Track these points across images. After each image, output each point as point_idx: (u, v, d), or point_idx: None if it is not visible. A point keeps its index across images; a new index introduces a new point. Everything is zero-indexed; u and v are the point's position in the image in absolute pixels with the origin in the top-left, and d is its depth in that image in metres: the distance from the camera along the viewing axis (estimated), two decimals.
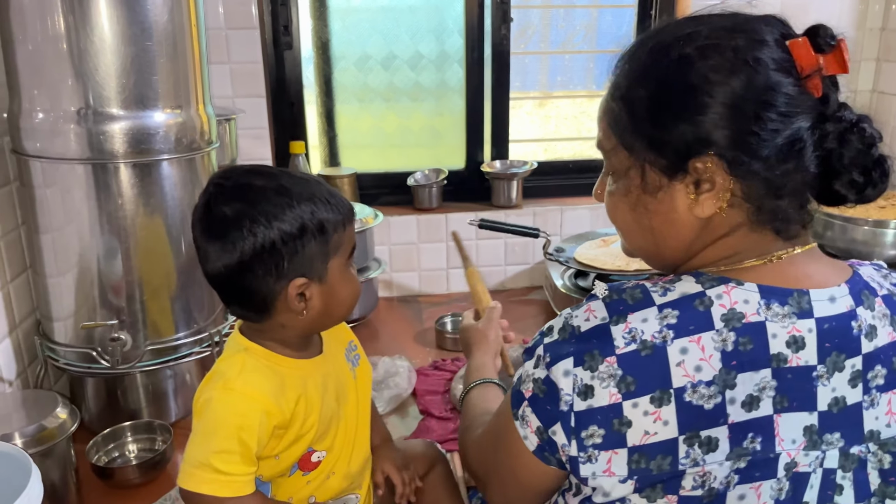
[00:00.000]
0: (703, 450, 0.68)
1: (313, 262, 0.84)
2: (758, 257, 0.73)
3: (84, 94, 1.18)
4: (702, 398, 0.68)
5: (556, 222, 2.10)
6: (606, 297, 0.72)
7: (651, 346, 0.68)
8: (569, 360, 0.71)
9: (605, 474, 0.70)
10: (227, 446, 0.82)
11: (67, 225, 1.25)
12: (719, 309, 0.69)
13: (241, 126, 1.84)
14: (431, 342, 1.80)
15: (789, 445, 0.70)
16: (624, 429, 0.69)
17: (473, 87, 2.10)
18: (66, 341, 1.32)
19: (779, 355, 0.69)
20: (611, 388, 0.68)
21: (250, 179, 0.83)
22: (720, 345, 0.68)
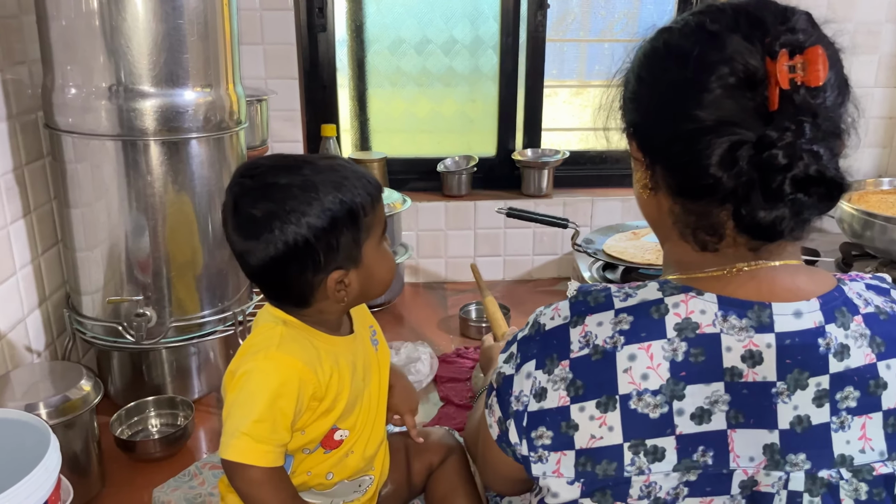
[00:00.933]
0: (649, 458, 0.66)
1: (349, 251, 0.84)
2: (718, 267, 0.70)
3: (116, 71, 1.19)
4: (647, 406, 0.66)
5: (586, 213, 2.07)
6: (573, 298, 0.72)
7: (602, 350, 0.67)
8: (532, 363, 0.71)
9: (554, 475, 0.69)
10: (270, 415, 0.82)
11: (97, 200, 1.27)
12: (674, 318, 0.67)
13: (273, 107, 1.84)
14: (455, 329, 1.79)
15: (745, 462, 0.67)
16: (571, 431, 0.68)
17: (507, 73, 2.08)
18: (94, 315, 1.34)
19: (733, 369, 0.66)
20: (560, 391, 0.68)
21: (275, 177, 0.82)
22: (670, 354, 0.66)
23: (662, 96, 0.69)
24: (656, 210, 0.74)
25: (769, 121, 0.63)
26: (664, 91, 0.69)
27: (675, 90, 0.68)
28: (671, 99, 0.68)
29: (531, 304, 1.93)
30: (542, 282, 2.11)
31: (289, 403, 0.83)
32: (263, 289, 0.90)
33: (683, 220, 0.70)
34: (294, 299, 0.87)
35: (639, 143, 0.72)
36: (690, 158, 0.66)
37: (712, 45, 0.66)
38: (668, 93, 0.69)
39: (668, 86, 0.69)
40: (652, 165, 0.72)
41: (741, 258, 0.70)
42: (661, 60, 0.70)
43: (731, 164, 0.64)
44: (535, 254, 2.10)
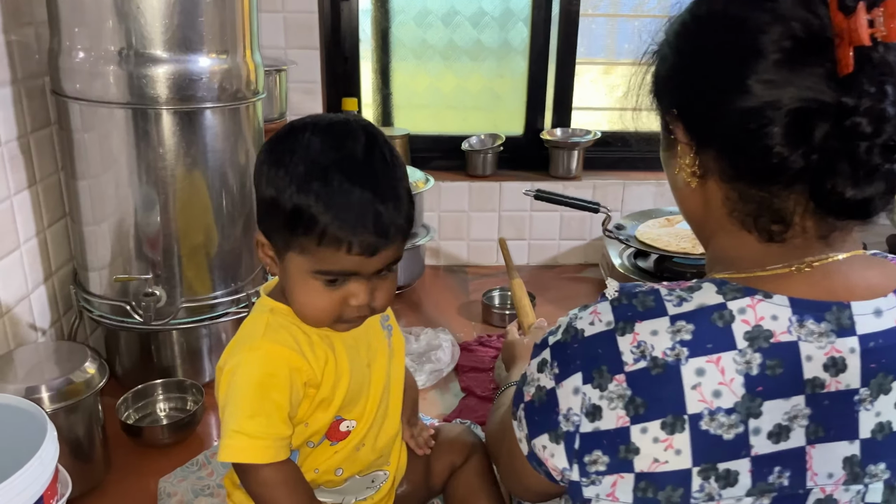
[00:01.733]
0: (721, 484, 0.60)
1: (274, 233, 0.79)
2: (784, 264, 0.62)
3: (126, 35, 1.12)
4: (720, 427, 0.59)
5: (616, 197, 1.98)
6: (615, 301, 0.64)
7: (663, 364, 0.60)
8: (578, 376, 0.63)
9: (608, 498, 0.63)
10: (262, 409, 0.78)
11: (105, 172, 1.20)
12: (742, 325, 0.59)
13: (292, 79, 1.77)
14: (477, 316, 1.71)
15: (823, 480, 0.61)
16: (631, 455, 0.61)
17: (538, 48, 1.98)
18: (101, 293, 1.28)
19: (814, 380, 0.59)
20: (618, 411, 0.61)
21: (312, 138, 0.76)
22: (744, 367, 0.59)
23: (710, 70, 0.62)
24: (702, 201, 0.67)
25: (844, 85, 0.55)
26: (712, 63, 0.62)
27: (725, 61, 0.60)
28: (721, 71, 0.60)
29: (556, 291, 1.85)
30: (567, 268, 2.02)
31: (281, 394, 0.79)
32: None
33: (742, 209, 0.63)
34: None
35: (686, 125, 0.65)
36: (750, 137, 0.59)
37: (764, 4, 0.58)
38: (716, 65, 0.61)
39: (716, 57, 0.62)
40: (701, 149, 0.64)
41: (808, 250, 0.62)
42: (705, 29, 0.63)
43: (802, 140, 0.57)
44: (562, 238, 2.02)
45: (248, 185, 1.30)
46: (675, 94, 0.67)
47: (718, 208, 0.65)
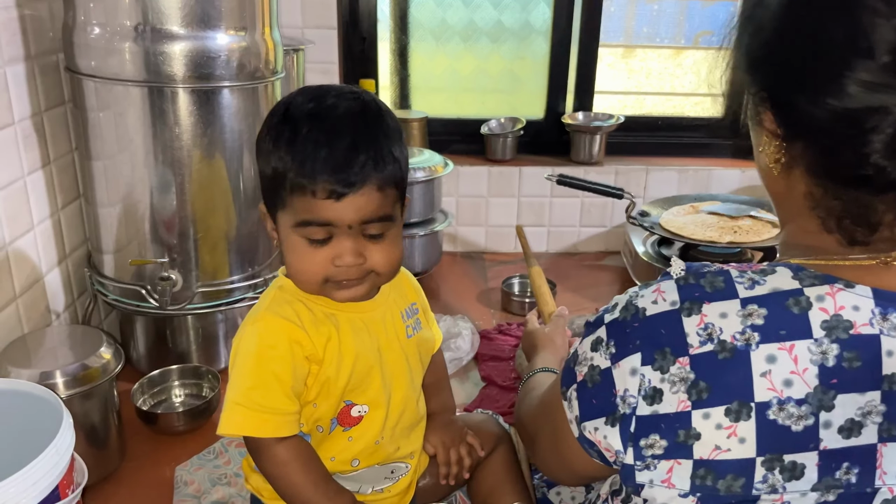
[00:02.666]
0: (785, 476, 0.57)
1: (270, 198, 0.78)
2: (867, 255, 0.58)
3: (142, 9, 1.08)
4: (789, 418, 0.56)
5: (639, 183, 1.94)
6: (681, 279, 0.61)
7: (731, 348, 0.57)
8: (636, 357, 0.60)
9: (663, 484, 0.60)
10: (261, 380, 0.76)
11: (120, 152, 1.17)
12: (819, 314, 0.56)
13: (309, 59, 1.72)
14: (496, 303, 1.68)
15: (893, 479, 0.58)
16: (691, 441, 0.58)
17: (560, 29, 1.93)
18: (116, 276, 1.25)
19: (893, 377, 0.56)
20: (680, 394, 0.58)
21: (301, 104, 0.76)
22: (819, 358, 0.56)
23: (811, 57, 0.56)
24: (785, 188, 0.63)
25: None
26: (815, 50, 0.56)
27: (829, 51, 0.54)
28: (823, 62, 0.55)
29: (576, 280, 1.81)
30: (588, 255, 1.98)
31: (282, 366, 0.77)
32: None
33: (826, 206, 0.59)
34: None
35: (775, 112, 0.60)
36: (847, 140, 0.54)
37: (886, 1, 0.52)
38: (819, 53, 0.55)
39: (820, 44, 0.55)
40: (790, 139, 0.60)
41: (888, 246, 0.58)
42: (815, 10, 0.57)
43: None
44: (583, 225, 1.97)
45: None
46: (767, 75, 0.61)
47: (800, 199, 0.61)
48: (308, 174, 0.73)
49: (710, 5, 2.10)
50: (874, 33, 0.52)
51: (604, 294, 1.73)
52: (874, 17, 0.52)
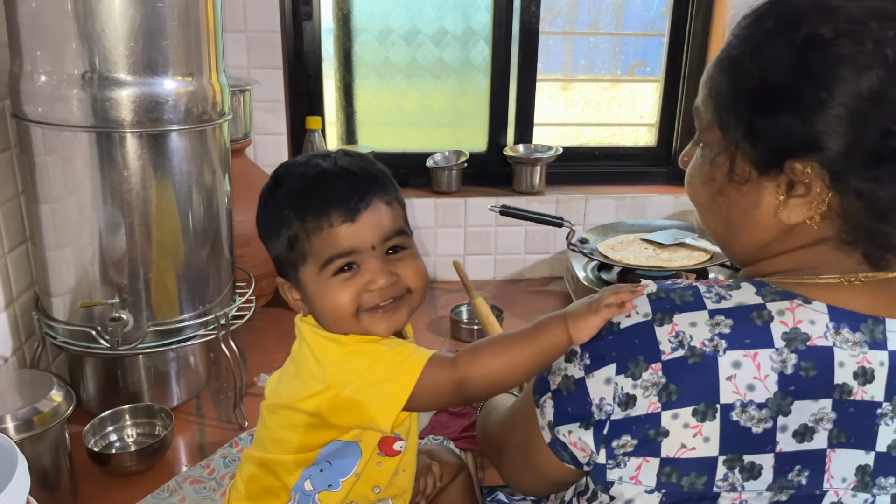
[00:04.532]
0: (744, 475, 0.62)
1: (284, 266, 0.81)
2: (837, 275, 0.64)
3: (89, 58, 1.11)
4: (750, 420, 0.61)
5: (579, 211, 2.02)
6: (652, 294, 0.65)
7: (700, 353, 0.61)
8: (611, 367, 0.64)
9: (631, 481, 0.64)
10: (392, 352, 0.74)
11: (68, 196, 1.18)
12: (780, 326, 0.62)
13: (256, 98, 1.76)
14: (446, 331, 1.73)
15: (838, 483, 0.63)
16: (659, 438, 0.62)
17: (499, 66, 2.01)
18: (65, 318, 1.25)
19: (843, 386, 0.61)
20: (652, 398, 0.62)
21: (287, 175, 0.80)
22: (779, 366, 0.61)
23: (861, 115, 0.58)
24: (786, 230, 0.65)
25: None
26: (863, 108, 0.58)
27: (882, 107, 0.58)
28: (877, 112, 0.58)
29: (522, 305, 1.87)
30: (533, 281, 2.05)
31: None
32: None
33: (851, 240, 0.63)
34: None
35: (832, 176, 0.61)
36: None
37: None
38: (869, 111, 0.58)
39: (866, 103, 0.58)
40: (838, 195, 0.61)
41: (860, 269, 0.64)
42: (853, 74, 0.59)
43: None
44: (527, 253, 2.04)
45: (215, 205, 1.29)
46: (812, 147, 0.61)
47: (809, 237, 0.65)
48: (319, 210, 0.75)
49: (643, 38, 2.22)
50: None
51: None
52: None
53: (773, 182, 0.64)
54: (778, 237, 0.67)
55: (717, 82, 0.66)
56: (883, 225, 0.62)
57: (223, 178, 1.32)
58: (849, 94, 0.58)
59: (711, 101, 0.67)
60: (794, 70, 0.60)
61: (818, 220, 0.63)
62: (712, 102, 0.67)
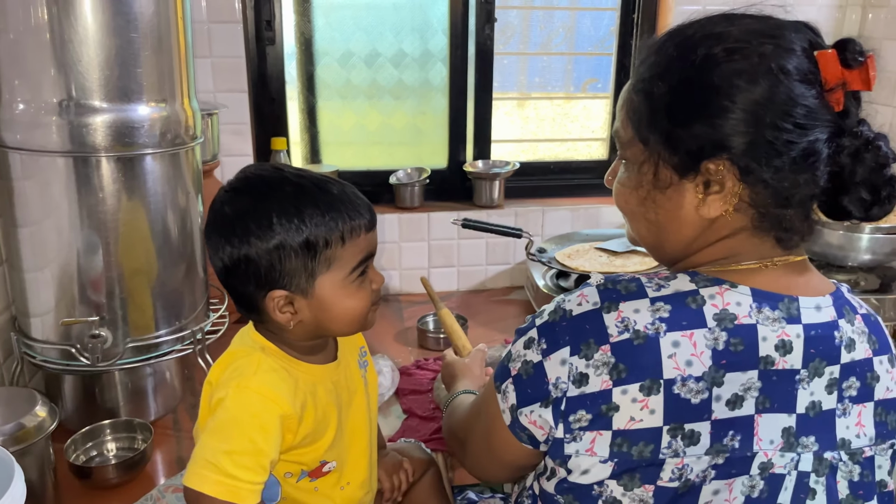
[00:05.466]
0: (685, 442, 0.70)
1: (293, 278, 0.81)
2: (756, 261, 0.75)
3: (66, 86, 1.16)
4: (689, 392, 0.69)
5: (537, 223, 2.11)
6: (601, 285, 0.74)
7: (644, 336, 0.70)
8: (565, 350, 0.72)
9: (587, 453, 0.72)
10: (239, 447, 0.78)
11: (46, 219, 1.22)
12: (711, 308, 0.71)
13: (223, 121, 1.82)
14: (413, 341, 1.79)
15: (767, 445, 0.72)
16: (611, 413, 0.70)
17: (457, 86, 2.10)
18: (44, 338, 1.29)
19: (767, 357, 0.71)
20: (603, 376, 0.70)
21: (253, 187, 0.83)
22: (712, 343, 0.70)
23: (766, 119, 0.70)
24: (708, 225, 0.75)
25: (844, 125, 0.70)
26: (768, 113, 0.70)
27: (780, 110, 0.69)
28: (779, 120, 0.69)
29: (486, 314, 1.95)
30: (495, 291, 2.13)
31: (265, 439, 0.80)
32: (227, 292, 0.89)
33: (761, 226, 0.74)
34: (245, 307, 0.86)
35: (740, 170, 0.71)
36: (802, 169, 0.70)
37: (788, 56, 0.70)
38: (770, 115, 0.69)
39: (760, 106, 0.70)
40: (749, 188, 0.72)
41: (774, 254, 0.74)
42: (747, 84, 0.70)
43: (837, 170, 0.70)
44: (489, 264, 2.13)
45: (188, 225, 1.35)
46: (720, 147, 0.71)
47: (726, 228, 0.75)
48: (354, 215, 0.82)
49: (594, 57, 2.33)
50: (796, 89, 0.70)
51: (511, 326, 1.87)
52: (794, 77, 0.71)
53: (693, 183, 0.74)
54: (701, 233, 0.76)
55: (634, 103, 0.76)
56: (787, 210, 0.73)
57: (196, 199, 1.37)
58: (746, 100, 0.69)
59: (630, 120, 0.77)
60: (700, 85, 0.71)
61: (732, 212, 0.73)
62: (631, 121, 0.77)
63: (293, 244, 0.80)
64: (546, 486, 0.78)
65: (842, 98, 0.70)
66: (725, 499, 0.71)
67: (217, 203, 0.84)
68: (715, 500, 0.71)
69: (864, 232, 1.65)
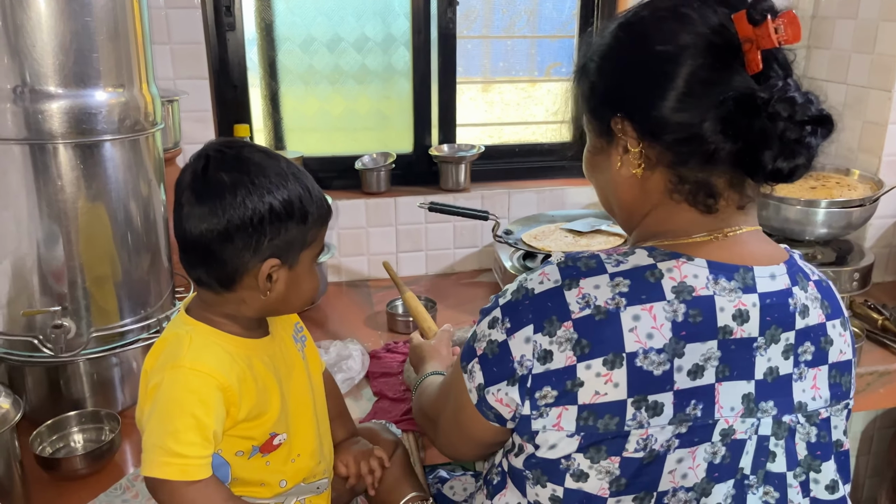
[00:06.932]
0: (649, 413, 0.71)
1: (291, 247, 0.85)
2: (707, 233, 0.76)
3: (20, 72, 1.13)
4: (652, 364, 0.71)
5: (503, 205, 2.12)
6: (561, 263, 0.75)
7: (605, 311, 0.71)
8: (529, 328, 0.73)
9: (553, 428, 0.73)
10: (182, 425, 0.81)
11: (4, 209, 1.20)
12: (670, 281, 0.72)
13: (184, 108, 1.79)
14: (383, 325, 1.80)
15: (728, 412, 0.74)
16: (576, 388, 0.71)
17: (420, 70, 2.10)
18: (5, 329, 1.27)
19: (725, 327, 0.72)
20: (567, 352, 0.71)
21: (250, 153, 0.84)
22: (671, 315, 0.71)
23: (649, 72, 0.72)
24: (640, 190, 0.78)
25: (758, 82, 0.69)
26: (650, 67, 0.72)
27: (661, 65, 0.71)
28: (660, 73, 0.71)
29: (455, 297, 1.96)
30: (464, 274, 2.14)
31: (206, 413, 0.81)
32: (194, 258, 0.86)
33: (682, 190, 0.75)
34: (222, 277, 0.85)
35: (636, 127, 0.75)
36: (688, 133, 0.71)
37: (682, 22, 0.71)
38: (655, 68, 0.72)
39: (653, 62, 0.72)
40: (648, 143, 0.75)
41: (726, 221, 0.75)
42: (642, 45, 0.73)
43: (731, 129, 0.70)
44: (457, 247, 2.14)
45: (151, 213, 1.33)
46: (618, 105, 0.76)
47: (657, 193, 0.77)
48: (325, 201, 0.88)
49: (557, 40, 2.34)
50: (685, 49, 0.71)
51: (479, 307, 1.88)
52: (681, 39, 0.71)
53: (615, 147, 0.78)
54: (638, 197, 0.79)
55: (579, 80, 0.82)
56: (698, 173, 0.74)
57: (158, 187, 1.36)
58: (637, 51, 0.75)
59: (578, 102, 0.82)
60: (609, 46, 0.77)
61: (647, 174, 0.76)
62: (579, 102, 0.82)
63: (298, 213, 0.83)
64: (514, 462, 0.79)
65: (757, 59, 0.69)
66: (689, 466, 0.73)
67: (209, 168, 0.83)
68: (679, 468, 0.73)
69: (820, 207, 1.69)
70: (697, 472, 0.73)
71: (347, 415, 1.13)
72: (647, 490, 0.73)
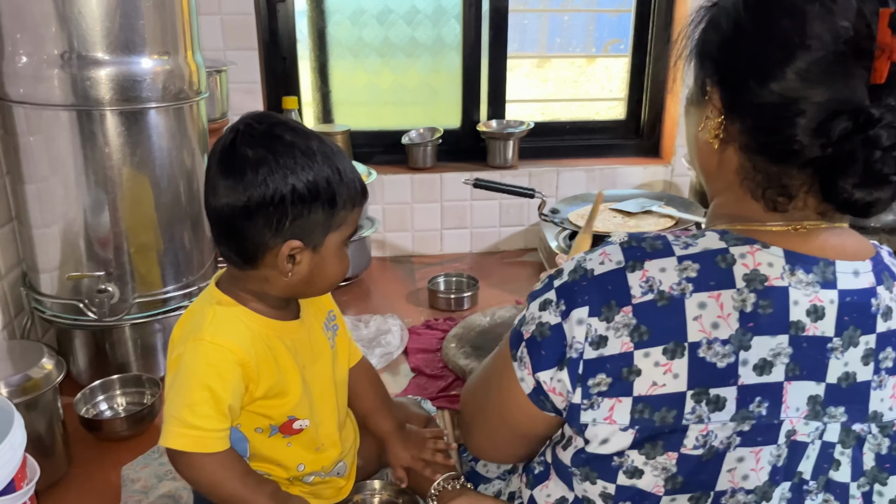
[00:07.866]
0: (710, 408, 0.66)
1: (314, 230, 0.83)
2: (785, 222, 0.70)
3: (68, 39, 1.15)
4: (715, 356, 0.66)
5: (551, 183, 2.08)
6: (624, 243, 0.70)
7: (668, 297, 0.66)
8: (584, 309, 0.69)
9: (605, 421, 0.68)
10: (199, 398, 0.80)
11: (52, 175, 1.22)
12: (741, 268, 0.67)
13: (232, 80, 1.80)
14: (424, 302, 1.78)
15: (793, 413, 0.68)
16: (632, 377, 0.66)
17: (470, 43, 2.06)
18: (53, 293, 1.30)
19: (798, 323, 0.67)
20: (624, 338, 0.66)
21: (282, 131, 0.82)
22: (739, 304, 0.66)
23: (758, 50, 0.66)
24: (717, 161, 0.72)
25: (873, 95, 0.61)
26: (761, 45, 0.66)
27: (772, 45, 0.64)
28: (767, 55, 0.65)
29: (498, 276, 1.93)
30: (508, 253, 2.11)
31: (223, 386, 0.81)
32: (219, 232, 0.85)
33: (753, 178, 0.69)
34: (244, 254, 0.84)
35: (723, 94, 0.69)
36: (778, 121, 0.64)
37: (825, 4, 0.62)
38: (764, 47, 0.65)
39: (765, 39, 0.65)
40: (730, 118, 0.69)
41: (805, 217, 0.69)
42: (763, 9, 0.66)
43: (823, 134, 0.62)
44: (502, 225, 2.10)
45: (196, 183, 1.34)
46: (720, 63, 0.69)
47: (731, 172, 0.71)
48: (361, 185, 0.86)
49: (617, 16, 2.27)
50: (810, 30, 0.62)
51: (523, 288, 1.86)
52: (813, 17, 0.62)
53: (704, 106, 0.72)
54: (714, 168, 0.73)
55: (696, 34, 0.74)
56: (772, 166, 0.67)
57: (202, 156, 1.36)
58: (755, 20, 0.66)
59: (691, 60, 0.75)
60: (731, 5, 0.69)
61: (721, 145, 0.70)
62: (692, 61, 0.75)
63: (324, 195, 0.81)
64: (562, 456, 0.75)
65: (884, 70, 0.60)
66: (752, 468, 0.68)
67: (237, 142, 0.81)
68: (739, 468, 0.68)
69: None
70: (760, 474, 0.69)
71: (391, 404, 1.09)
72: (704, 490, 0.69)
